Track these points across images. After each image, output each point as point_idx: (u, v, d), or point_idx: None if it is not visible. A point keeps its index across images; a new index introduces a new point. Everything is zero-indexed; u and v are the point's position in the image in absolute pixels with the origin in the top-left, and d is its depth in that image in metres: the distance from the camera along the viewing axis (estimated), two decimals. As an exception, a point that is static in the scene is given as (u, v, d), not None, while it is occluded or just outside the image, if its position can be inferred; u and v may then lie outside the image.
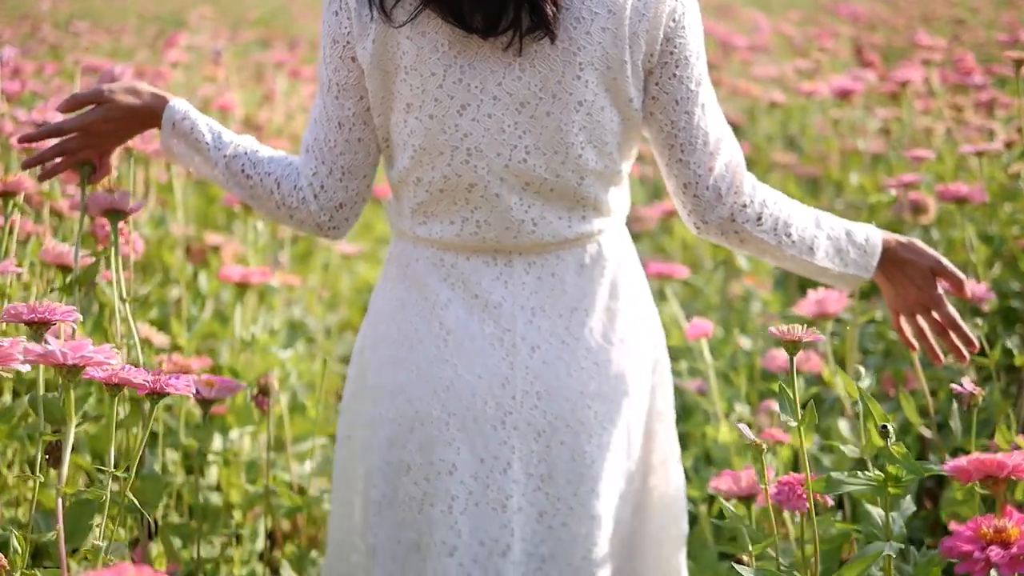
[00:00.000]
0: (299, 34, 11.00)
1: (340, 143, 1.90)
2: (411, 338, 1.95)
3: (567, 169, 1.86)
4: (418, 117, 1.85)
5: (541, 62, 1.81)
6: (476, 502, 1.91)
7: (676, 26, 1.84)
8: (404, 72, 1.83)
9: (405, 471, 1.94)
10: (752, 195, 1.92)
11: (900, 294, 2.02)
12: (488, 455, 1.91)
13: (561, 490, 1.93)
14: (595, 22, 1.80)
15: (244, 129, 5.05)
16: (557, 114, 1.83)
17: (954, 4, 10.49)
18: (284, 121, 5.51)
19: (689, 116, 1.87)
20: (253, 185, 1.96)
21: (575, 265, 1.94)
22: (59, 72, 4.77)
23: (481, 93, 1.83)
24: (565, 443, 1.92)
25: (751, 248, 1.98)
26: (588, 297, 1.94)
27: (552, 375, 1.92)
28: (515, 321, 1.92)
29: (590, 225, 1.92)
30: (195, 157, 1.98)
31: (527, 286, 1.92)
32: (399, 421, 1.94)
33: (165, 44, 5.63)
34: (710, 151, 1.89)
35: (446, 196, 1.89)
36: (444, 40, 1.82)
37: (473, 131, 1.84)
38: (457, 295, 1.93)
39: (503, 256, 1.92)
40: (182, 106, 1.98)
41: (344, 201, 1.93)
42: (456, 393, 1.92)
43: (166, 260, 3.68)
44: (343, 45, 1.86)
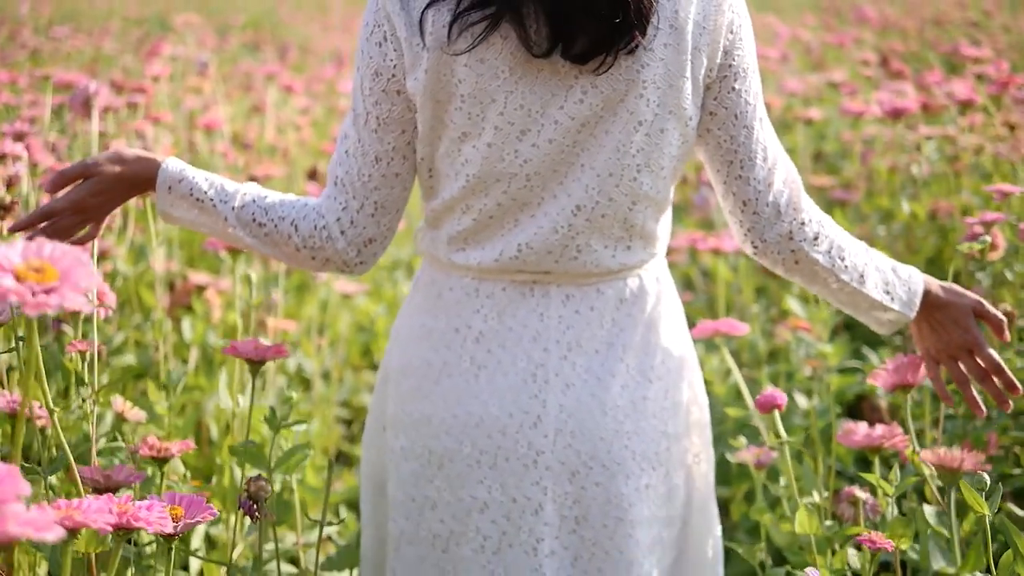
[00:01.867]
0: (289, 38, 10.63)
1: (376, 178, 1.83)
2: (438, 370, 1.89)
3: (620, 192, 1.80)
4: (475, 146, 1.78)
5: (604, 82, 1.75)
6: (510, 543, 1.86)
7: (735, 38, 1.78)
8: (460, 100, 1.76)
9: (431, 507, 1.89)
10: (810, 214, 1.87)
11: (941, 337, 1.95)
12: (520, 495, 1.85)
13: (597, 534, 1.86)
14: (658, 38, 1.74)
15: (233, 147, 4.67)
16: (616, 134, 1.77)
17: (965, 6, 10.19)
18: (275, 135, 5.13)
19: (748, 131, 1.81)
20: (268, 232, 1.87)
21: (615, 299, 1.87)
22: (32, 85, 4.37)
23: (542, 118, 1.76)
24: (600, 484, 1.86)
25: (804, 272, 1.90)
26: (626, 332, 1.88)
27: (586, 413, 1.85)
28: (549, 356, 1.85)
29: (634, 256, 1.86)
30: (199, 216, 1.89)
31: (563, 320, 1.86)
32: (425, 455, 1.89)
33: (148, 53, 5.24)
34: (769, 167, 1.83)
35: (495, 222, 1.83)
36: (505, 66, 1.74)
37: (533, 156, 1.78)
38: (490, 327, 1.87)
39: (540, 287, 1.86)
40: (175, 166, 1.87)
41: (375, 236, 1.86)
42: (486, 430, 1.85)
43: (145, 300, 3.31)
44: (387, 78, 1.79)
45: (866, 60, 5.51)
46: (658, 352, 1.91)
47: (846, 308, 1.97)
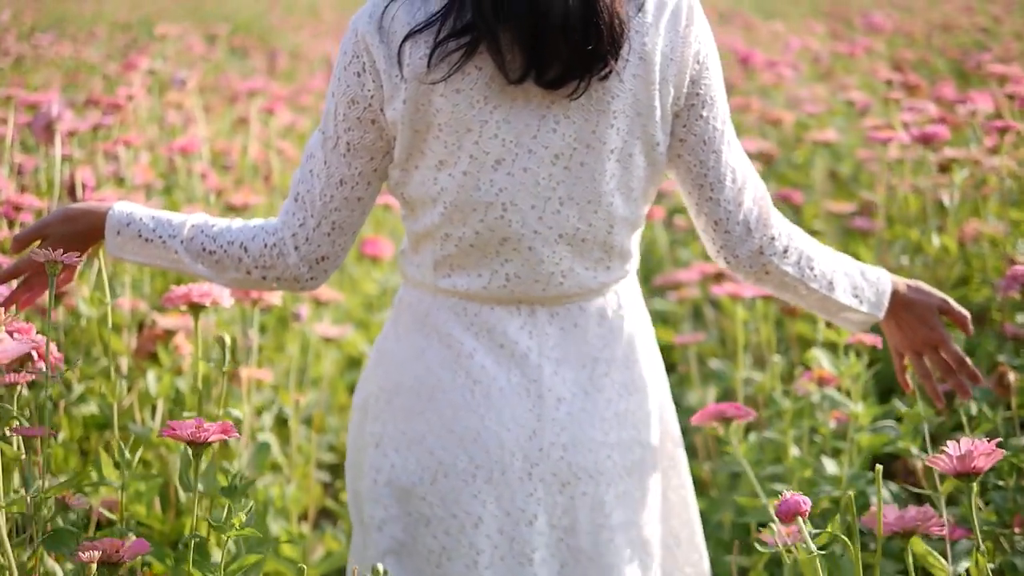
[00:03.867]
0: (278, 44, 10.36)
1: (338, 199, 1.88)
2: (432, 387, 1.93)
3: (599, 218, 1.86)
4: (451, 174, 1.83)
5: (576, 112, 1.80)
6: (502, 556, 1.91)
7: (701, 68, 1.86)
8: (438, 129, 1.81)
9: (425, 523, 1.93)
10: (779, 228, 1.95)
11: (907, 335, 2.06)
12: (515, 508, 1.91)
13: (581, 541, 1.93)
14: (627, 69, 1.80)
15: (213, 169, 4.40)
16: (591, 164, 1.83)
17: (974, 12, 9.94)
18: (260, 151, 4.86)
19: (717, 155, 1.89)
20: (219, 259, 1.93)
21: (597, 316, 1.94)
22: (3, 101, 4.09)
23: (516, 147, 1.82)
24: (587, 494, 1.93)
25: (774, 283, 1.98)
26: (608, 348, 1.95)
27: (577, 426, 1.92)
28: (542, 372, 1.92)
29: (612, 274, 1.93)
30: (150, 254, 1.96)
31: (551, 336, 1.92)
32: (418, 472, 1.93)
33: (125, 67, 4.97)
34: (738, 187, 1.91)
35: (476, 251, 1.88)
36: (480, 96, 1.80)
37: (508, 186, 1.83)
38: (482, 344, 1.92)
39: (527, 306, 1.92)
40: (122, 209, 1.95)
41: (328, 255, 1.91)
42: (483, 444, 1.90)
43: (112, 345, 3.03)
44: (364, 107, 1.83)
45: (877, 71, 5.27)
46: (636, 365, 1.98)
47: (817, 311, 2.05)
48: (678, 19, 1.84)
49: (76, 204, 1.99)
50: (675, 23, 1.84)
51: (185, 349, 2.84)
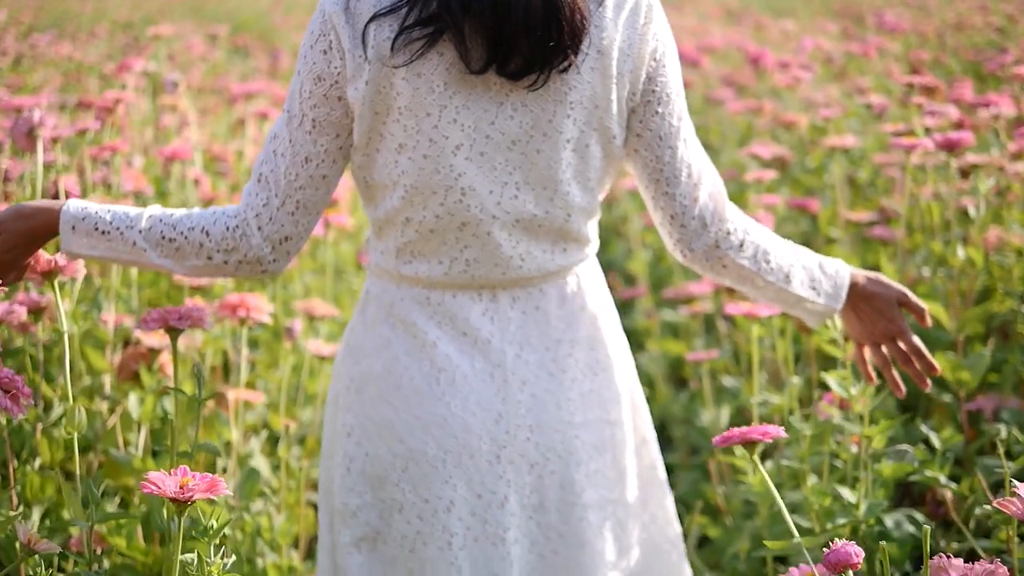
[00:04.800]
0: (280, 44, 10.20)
1: (303, 177, 1.89)
2: (399, 375, 1.97)
3: (555, 206, 1.91)
4: (411, 157, 1.87)
5: (533, 101, 1.85)
6: (475, 538, 1.95)
7: (658, 65, 1.91)
8: (398, 113, 1.85)
9: (398, 509, 1.96)
10: (735, 222, 2.00)
11: (866, 326, 2.11)
12: (485, 491, 1.95)
13: (551, 518, 1.97)
14: (585, 62, 1.85)
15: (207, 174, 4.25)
16: (547, 152, 1.88)
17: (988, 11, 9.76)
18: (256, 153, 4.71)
19: (673, 151, 1.94)
20: (179, 246, 1.93)
21: (557, 298, 1.99)
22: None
23: (475, 132, 1.86)
24: (556, 472, 1.97)
25: (732, 276, 2.03)
26: (571, 329, 2.00)
27: (542, 408, 1.96)
28: (504, 356, 1.96)
29: (570, 258, 1.98)
30: (108, 247, 1.95)
31: (513, 321, 1.96)
32: (389, 459, 1.96)
33: (119, 68, 4.81)
34: (694, 182, 1.96)
35: (436, 236, 1.92)
36: (440, 81, 1.83)
37: (467, 170, 1.87)
38: (445, 333, 1.96)
39: (488, 291, 1.96)
40: (75, 205, 1.95)
41: (291, 235, 1.92)
42: (451, 430, 1.94)
43: (94, 363, 2.89)
44: (330, 84, 1.86)
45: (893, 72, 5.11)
46: (600, 346, 2.03)
47: (775, 304, 2.10)
48: (637, 16, 1.88)
49: (30, 202, 1.99)
50: (634, 20, 1.88)
51: (170, 369, 2.69)
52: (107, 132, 3.95)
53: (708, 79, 6.97)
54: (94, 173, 3.74)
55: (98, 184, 3.74)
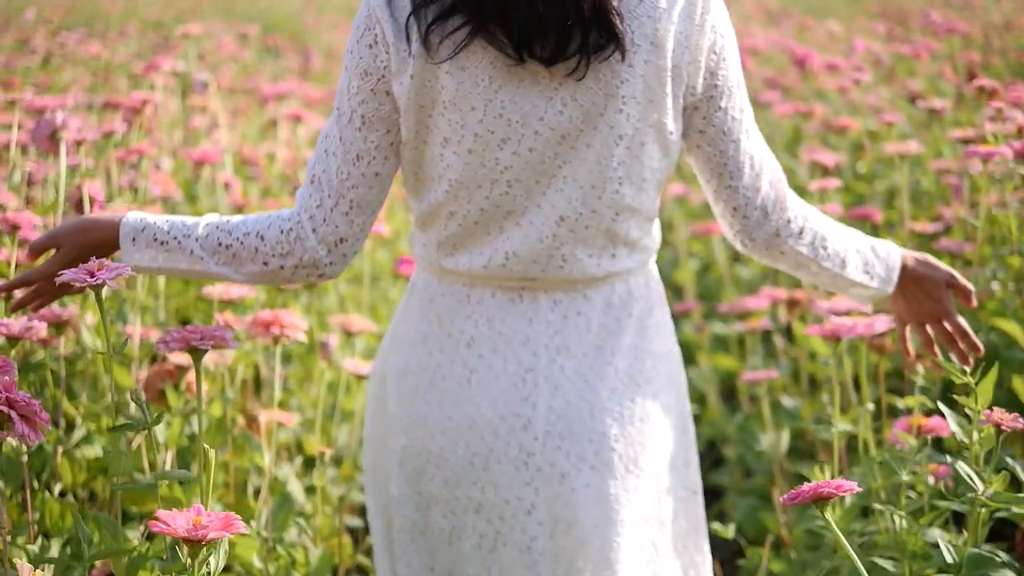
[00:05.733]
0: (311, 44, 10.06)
1: (355, 176, 1.86)
2: (433, 372, 1.95)
3: (602, 204, 1.86)
4: (456, 152, 1.84)
5: (583, 95, 1.81)
6: (504, 542, 1.92)
7: (718, 58, 1.87)
8: (442, 107, 1.82)
9: (434, 503, 1.96)
10: (795, 210, 1.98)
11: (913, 307, 2.10)
12: (512, 496, 1.92)
13: (588, 534, 1.91)
14: (638, 54, 1.80)
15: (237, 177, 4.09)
16: (597, 147, 1.83)
17: (1034, 11, 9.53)
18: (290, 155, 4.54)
19: (736, 144, 1.91)
20: (236, 252, 1.90)
21: (602, 304, 1.94)
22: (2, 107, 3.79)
23: (522, 127, 1.82)
24: (591, 486, 1.91)
25: (789, 262, 2.02)
26: (613, 336, 1.94)
27: (575, 416, 1.91)
28: (538, 360, 1.92)
29: (619, 264, 1.93)
30: (167, 258, 1.93)
31: (552, 324, 1.92)
32: (423, 454, 1.95)
33: (147, 68, 4.66)
34: (756, 173, 1.94)
35: (480, 228, 1.89)
36: (485, 75, 1.80)
37: (513, 164, 1.84)
38: (481, 333, 1.93)
39: (529, 294, 1.92)
40: (134, 217, 1.94)
41: (346, 236, 1.88)
42: (479, 432, 1.92)
43: (118, 380, 2.72)
44: (377, 78, 1.83)
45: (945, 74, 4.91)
46: (647, 357, 1.97)
47: (826, 287, 2.08)
48: (694, 7, 1.83)
49: (89, 214, 1.99)
50: (690, 10, 1.83)
51: (198, 388, 2.52)
52: (135, 134, 3.79)
53: (752, 81, 6.78)
54: (120, 177, 3.59)
55: (125, 188, 3.59)
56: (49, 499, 2.30)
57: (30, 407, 1.71)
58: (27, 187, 3.49)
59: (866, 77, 4.30)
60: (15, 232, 2.72)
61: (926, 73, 6.19)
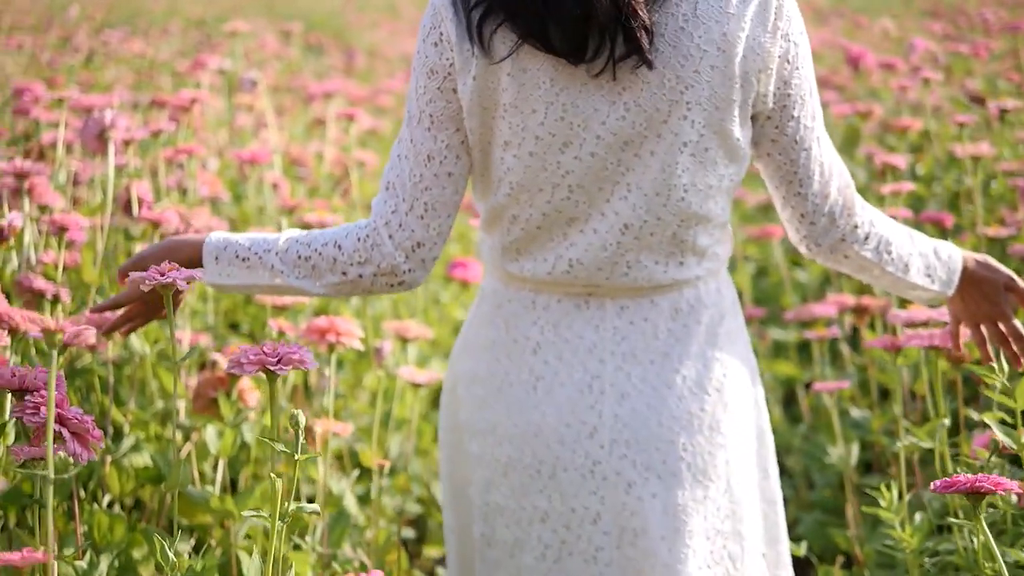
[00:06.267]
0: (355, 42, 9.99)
1: (427, 177, 1.84)
2: (501, 379, 1.94)
3: (668, 212, 1.83)
4: (516, 155, 1.82)
5: (647, 101, 1.78)
6: (569, 552, 1.90)
7: (791, 67, 1.83)
8: (503, 110, 1.80)
9: (499, 513, 1.95)
10: (862, 216, 1.96)
11: (970, 307, 2.09)
12: (579, 504, 1.89)
13: (655, 545, 1.87)
14: (704, 60, 1.77)
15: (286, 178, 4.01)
16: (661, 154, 1.80)
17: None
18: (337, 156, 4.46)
19: (807, 152, 1.88)
20: (315, 264, 1.89)
21: (670, 310, 1.91)
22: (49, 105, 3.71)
23: (584, 132, 1.79)
24: (657, 496, 1.87)
25: (852, 266, 2.00)
26: (681, 343, 1.91)
27: (641, 424, 1.88)
28: (604, 367, 1.89)
29: (688, 271, 1.90)
30: (249, 275, 1.93)
31: (618, 331, 1.90)
32: (492, 463, 1.94)
33: (193, 65, 4.59)
34: (825, 180, 1.91)
35: (543, 232, 1.87)
36: (546, 77, 1.78)
37: (575, 168, 1.81)
38: (547, 339, 1.91)
39: (596, 299, 1.90)
40: (217, 236, 1.95)
41: (423, 240, 1.86)
42: (545, 440, 1.90)
43: (167, 386, 2.64)
44: (443, 76, 1.81)
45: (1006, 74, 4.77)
46: (716, 365, 1.93)
47: (888, 289, 2.07)
48: (766, 12, 1.79)
49: (177, 236, 2.02)
50: (763, 16, 1.79)
51: (251, 398, 2.44)
52: (181, 133, 3.72)
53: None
54: (168, 177, 3.51)
55: (172, 189, 3.51)
56: (98, 511, 2.23)
57: (82, 424, 1.63)
58: (73, 187, 3.42)
59: (937, 76, 4.16)
60: (62, 234, 2.66)
61: (983, 72, 6.05)
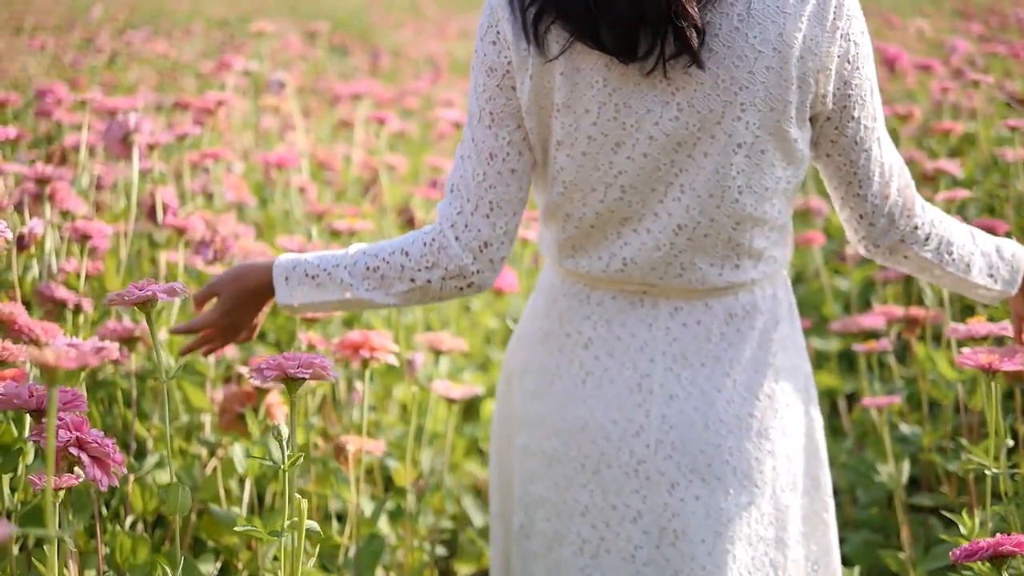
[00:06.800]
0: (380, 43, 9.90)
1: (491, 175, 1.82)
2: (552, 372, 1.94)
3: (721, 213, 1.81)
4: (569, 154, 1.81)
5: (700, 101, 1.75)
6: (607, 549, 1.90)
7: (851, 67, 1.79)
8: (556, 110, 1.78)
9: (541, 505, 1.95)
10: (922, 216, 1.92)
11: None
12: (620, 502, 1.89)
13: (695, 548, 1.86)
14: (759, 61, 1.73)
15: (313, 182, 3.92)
16: (715, 156, 1.77)
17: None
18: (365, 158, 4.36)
19: (868, 153, 1.85)
20: (384, 274, 1.88)
21: (724, 314, 1.89)
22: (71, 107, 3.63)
23: (637, 132, 1.77)
24: (700, 498, 1.87)
25: (912, 266, 1.97)
26: (734, 348, 1.90)
27: (688, 426, 1.87)
28: (655, 367, 1.89)
29: (744, 274, 1.88)
30: (319, 293, 1.92)
31: (671, 332, 1.89)
32: (538, 455, 1.95)
33: (218, 66, 4.50)
34: (886, 180, 1.88)
35: (596, 231, 1.86)
36: (599, 77, 1.75)
37: (628, 169, 1.80)
38: (599, 335, 1.91)
39: (650, 299, 1.89)
40: (286, 257, 1.95)
41: (490, 239, 1.84)
42: (590, 435, 1.90)
43: (192, 400, 2.55)
44: (502, 74, 1.80)
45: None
46: (769, 371, 1.91)
47: (949, 288, 2.06)
48: (825, 11, 1.74)
49: (247, 262, 2.04)
50: (821, 16, 1.74)
51: (279, 414, 2.34)
52: (206, 136, 3.63)
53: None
54: (193, 181, 3.42)
55: (197, 193, 3.42)
56: (120, 533, 2.13)
57: (103, 448, 1.53)
58: (96, 191, 3.33)
59: (988, 79, 4.04)
60: (85, 241, 2.56)
61: (1022, 73, 5.91)
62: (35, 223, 2.56)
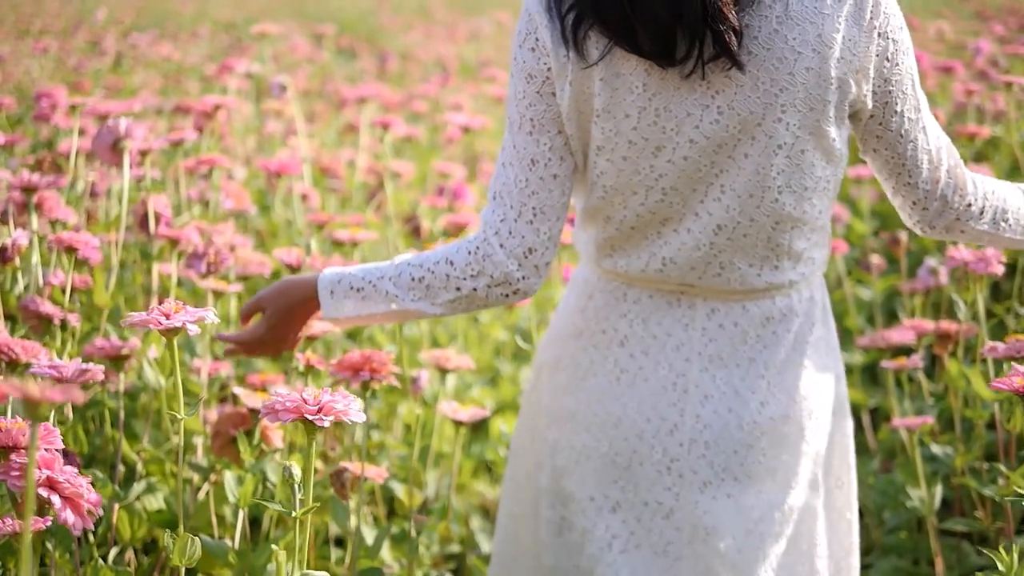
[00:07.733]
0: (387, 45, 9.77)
1: (533, 181, 1.82)
2: (585, 368, 1.95)
3: (761, 214, 1.81)
4: (609, 159, 1.81)
5: (740, 104, 1.74)
6: (637, 544, 1.91)
7: (891, 65, 1.78)
8: (596, 115, 1.78)
9: (571, 499, 1.96)
10: (975, 192, 1.90)
11: None
12: (652, 499, 1.90)
13: (727, 545, 1.87)
14: (799, 62, 1.73)
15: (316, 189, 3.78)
16: (755, 156, 1.77)
17: None
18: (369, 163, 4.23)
19: (914, 144, 1.84)
20: (428, 283, 1.88)
21: (761, 317, 1.89)
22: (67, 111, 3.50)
23: (677, 136, 1.77)
24: (732, 496, 1.89)
25: (968, 239, 1.97)
26: (769, 350, 1.90)
27: (722, 426, 1.88)
28: (690, 367, 1.89)
29: (783, 275, 1.88)
30: (365, 305, 1.92)
31: (707, 332, 1.89)
32: (567, 450, 1.95)
33: (220, 69, 4.37)
34: (935, 166, 1.87)
35: (637, 232, 1.86)
36: (638, 82, 1.75)
37: (668, 172, 1.79)
38: (635, 332, 1.91)
39: (687, 299, 1.89)
40: (331, 271, 1.95)
41: (534, 245, 1.83)
42: (624, 432, 1.91)
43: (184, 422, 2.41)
44: (542, 80, 1.80)
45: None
46: (803, 372, 1.92)
47: (1009, 248, 2.06)
48: (861, 11, 1.74)
49: (293, 276, 2.05)
50: (858, 16, 1.74)
51: (275, 438, 2.20)
52: (206, 141, 3.49)
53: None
54: (189, 189, 3.28)
55: (194, 201, 3.29)
56: (103, 568, 1.99)
57: (75, 488, 1.39)
58: (90, 199, 3.20)
59: (1021, 81, 3.90)
60: (71, 254, 2.43)
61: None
62: (19, 234, 2.43)
